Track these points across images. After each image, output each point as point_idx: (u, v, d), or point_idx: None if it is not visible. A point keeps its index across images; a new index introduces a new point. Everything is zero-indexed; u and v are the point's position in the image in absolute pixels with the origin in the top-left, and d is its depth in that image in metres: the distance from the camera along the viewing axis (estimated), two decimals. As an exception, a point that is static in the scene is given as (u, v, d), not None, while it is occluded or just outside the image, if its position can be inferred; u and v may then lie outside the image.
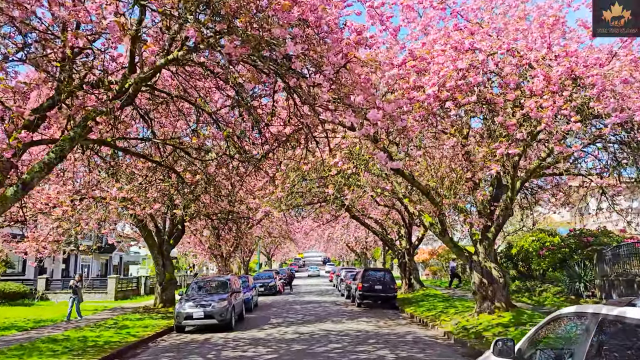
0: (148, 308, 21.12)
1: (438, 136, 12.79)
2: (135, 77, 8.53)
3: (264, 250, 62.56)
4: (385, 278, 23.37)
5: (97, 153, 12.78)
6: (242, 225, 27.21)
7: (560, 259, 19.89)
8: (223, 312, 15.76)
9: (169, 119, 12.42)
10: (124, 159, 14.28)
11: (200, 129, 11.99)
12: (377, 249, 52.28)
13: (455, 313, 16.96)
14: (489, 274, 14.71)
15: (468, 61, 8.62)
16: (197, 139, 11.26)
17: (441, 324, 15.41)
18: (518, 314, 14.06)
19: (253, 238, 40.53)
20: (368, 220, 30.13)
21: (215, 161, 12.38)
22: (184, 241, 34.87)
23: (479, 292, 14.87)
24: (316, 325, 16.54)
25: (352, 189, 13.61)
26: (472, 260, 15.11)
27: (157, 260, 21.20)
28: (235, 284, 18.20)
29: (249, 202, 17.32)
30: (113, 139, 10.98)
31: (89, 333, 14.82)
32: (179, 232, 22.10)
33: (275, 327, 16.55)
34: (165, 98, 11.08)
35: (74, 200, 15.06)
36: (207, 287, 17.78)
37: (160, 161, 12.02)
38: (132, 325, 16.66)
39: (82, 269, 40.20)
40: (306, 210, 29.64)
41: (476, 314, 14.87)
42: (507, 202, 14.39)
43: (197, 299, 16.18)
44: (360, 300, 23.16)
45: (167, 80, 11.94)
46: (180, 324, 15.74)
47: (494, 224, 14.76)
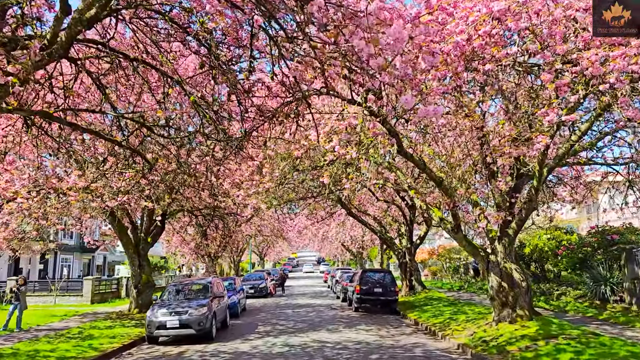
0: (122, 314, 18.96)
1: (454, 114, 10.75)
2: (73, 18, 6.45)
3: (256, 250, 60.41)
4: (385, 280, 21.34)
5: (47, 132, 10.62)
6: (229, 223, 25.12)
7: (580, 259, 17.89)
8: (202, 320, 13.65)
9: (133, 92, 10.27)
10: (80, 140, 12.10)
11: (168, 101, 9.87)
12: (373, 249, 50.29)
13: (467, 321, 14.93)
14: (509, 276, 12.70)
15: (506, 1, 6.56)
16: (162, 112, 9.17)
17: (453, 334, 13.37)
18: (544, 324, 12.04)
19: (244, 237, 38.42)
20: (365, 217, 28.10)
21: (186, 141, 10.30)
22: (169, 240, 32.79)
23: (497, 298, 12.84)
24: (309, 335, 14.47)
25: (352, 177, 11.53)
26: (489, 261, 13.10)
27: (132, 260, 19.04)
28: (217, 287, 16.07)
29: (234, 194, 15.17)
30: (57, 110, 8.92)
31: (44, 346, 12.66)
32: (157, 229, 19.93)
33: (263, 336, 14.45)
34: (123, 61, 8.96)
35: (31, 191, 12.94)
36: (185, 291, 15.64)
37: (120, 141, 9.89)
38: (98, 334, 14.51)
39: (62, 269, 37.92)
40: (299, 207, 27.61)
41: (494, 323, 12.85)
42: (531, 193, 12.38)
43: (173, 305, 14.06)
44: (357, 305, 21.11)
45: (127, 43, 9.85)
46: (151, 334, 13.62)
47: (515, 219, 12.74)
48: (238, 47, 8.08)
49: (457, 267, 35.59)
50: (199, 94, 9.18)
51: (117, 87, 9.81)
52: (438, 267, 41.92)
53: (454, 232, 13.16)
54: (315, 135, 11.23)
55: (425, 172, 11.71)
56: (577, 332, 10.87)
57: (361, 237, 42.12)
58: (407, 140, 11.97)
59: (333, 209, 29.34)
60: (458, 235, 13.18)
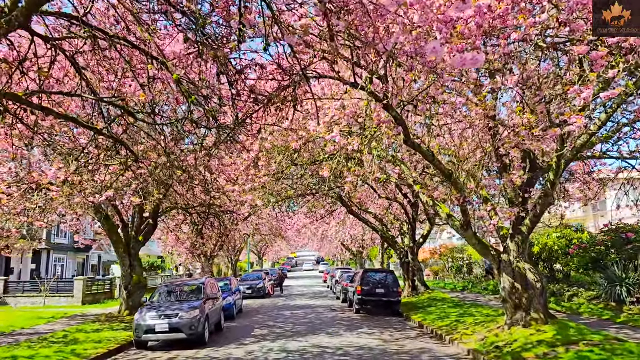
0: (112, 316, 18.07)
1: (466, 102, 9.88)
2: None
3: (254, 250, 59.49)
4: (387, 280, 20.48)
5: (22, 121, 9.73)
6: (226, 221, 24.19)
7: (593, 259, 17.03)
8: (193, 324, 12.78)
9: (116, 75, 9.37)
10: (59, 130, 11.19)
11: (153, 86, 8.98)
12: (374, 248, 49.44)
13: (476, 324, 14.07)
14: (523, 277, 11.83)
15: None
16: (145, 96, 8.29)
17: (462, 339, 12.50)
18: (561, 328, 11.17)
19: (241, 236, 37.54)
20: (366, 215, 27.23)
21: (175, 130, 9.41)
22: (165, 239, 31.86)
23: (510, 300, 11.97)
24: (308, 339, 13.60)
25: (353, 170, 10.64)
26: (500, 261, 12.24)
27: (123, 259, 18.15)
28: (211, 288, 15.18)
29: (228, 190, 14.28)
30: (29, 94, 8.06)
31: (24, 352, 11.79)
32: (150, 227, 19.03)
33: (259, 341, 13.58)
34: (102, 40, 8.08)
35: (11, 185, 12.08)
36: (177, 292, 14.75)
37: (100, 129, 9.00)
38: (84, 339, 13.65)
39: (55, 268, 36.98)
40: (298, 205, 26.74)
41: (507, 327, 11.98)
42: (546, 187, 11.51)
43: (163, 308, 13.18)
44: (359, 306, 20.24)
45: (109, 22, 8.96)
46: (139, 338, 12.75)
47: (529, 215, 11.87)
48: (228, 23, 7.22)
49: (460, 267, 34.71)
50: (186, 76, 8.30)
51: (98, 70, 8.95)
52: (440, 266, 41.04)
53: (463, 229, 12.29)
54: (315, 126, 10.39)
55: (434, 164, 10.83)
56: (599, 338, 10.00)
57: (361, 236, 41.24)
58: (413, 132, 11.10)
59: (333, 207, 28.49)
60: (467, 233, 12.31)
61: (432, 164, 10.80)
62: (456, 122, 12.37)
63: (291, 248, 76.13)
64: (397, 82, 9.00)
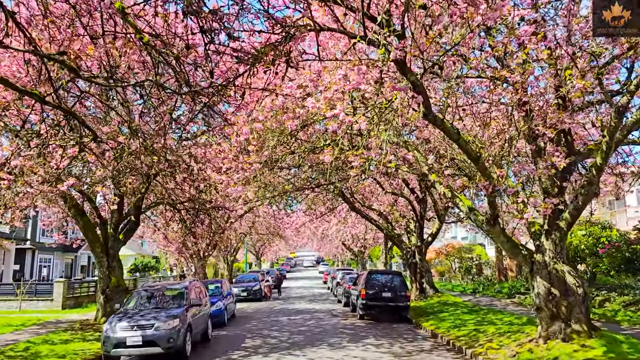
0: (87, 323, 16.16)
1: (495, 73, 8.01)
2: None
3: (252, 249, 57.56)
4: (394, 283, 18.61)
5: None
6: (218, 219, 22.29)
7: (626, 259, 15.14)
8: (172, 335, 10.90)
9: (62, 28, 7.46)
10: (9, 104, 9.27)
11: (110, 41, 7.09)
12: (376, 248, 47.58)
13: (500, 334, 12.19)
14: (561, 281, 9.95)
15: None
16: (93, 49, 6.40)
17: (487, 354, 10.60)
18: (610, 343, 9.32)
19: (237, 235, 35.63)
20: (370, 212, 25.35)
21: (139, 96, 7.53)
22: (155, 238, 29.95)
23: (545, 308, 10.08)
24: (307, 352, 11.72)
25: (361, 153, 8.75)
26: (533, 262, 10.36)
27: (100, 260, 16.24)
28: (195, 293, 13.27)
29: (216, 180, 12.38)
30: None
31: (-32, 370, 9.92)
32: (131, 224, 17.14)
33: (249, 354, 11.70)
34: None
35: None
36: (155, 298, 12.85)
37: (42, 96, 7.10)
38: (46, 352, 11.78)
39: (40, 270, 35.09)
40: (296, 201, 24.86)
41: (542, 340, 10.08)
42: (591, 174, 9.62)
43: (136, 317, 11.29)
44: (363, 311, 18.34)
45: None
46: (108, 353, 10.88)
47: (568, 208, 9.98)
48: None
49: (469, 268, 32.80)
50: (150, 27, 6.41)
51: (45, 24, 7.07)
52: (445, 267, 39.08)
53: (489, 224, 10.38)
54: (314, 102, 8.50)
55: (459, 144, 8.93)
56: (664, 357, 8.14)
57: (363, 235, 39.33)
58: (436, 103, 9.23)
59: (334, 203, 26.62)
60: (495, 230, 10.41)
61: (457, 143, 8.90)
62: (478, 101, 10.55)
63: (290, 248, 74.27)
64: (418, 38, 7.14)
